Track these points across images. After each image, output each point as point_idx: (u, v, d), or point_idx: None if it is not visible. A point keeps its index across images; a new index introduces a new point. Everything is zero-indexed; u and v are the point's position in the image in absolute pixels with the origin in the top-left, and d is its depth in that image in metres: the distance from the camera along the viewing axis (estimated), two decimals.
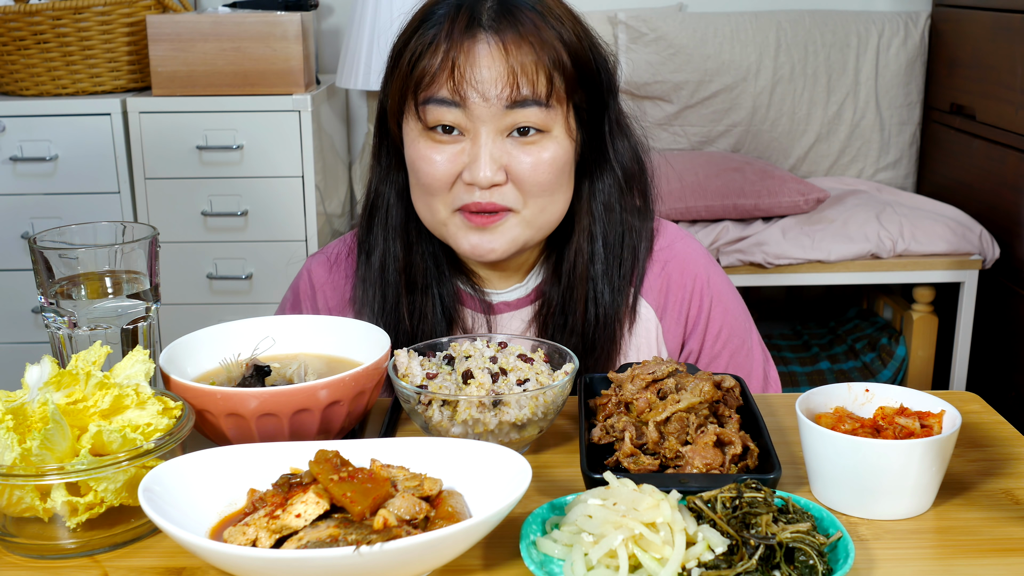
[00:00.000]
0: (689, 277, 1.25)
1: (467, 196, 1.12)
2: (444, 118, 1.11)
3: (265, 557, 0.69)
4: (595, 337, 1.20)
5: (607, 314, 1.20)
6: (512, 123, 1.11)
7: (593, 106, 1.17)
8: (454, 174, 1.12)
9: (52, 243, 0.98)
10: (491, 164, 1.10)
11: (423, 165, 1.13)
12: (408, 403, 0.95)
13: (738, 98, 3.08)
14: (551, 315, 1.21)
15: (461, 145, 1.12)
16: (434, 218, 1.16)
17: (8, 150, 2.62)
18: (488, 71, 1.09)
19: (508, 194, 1.13)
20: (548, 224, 1.17)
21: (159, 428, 0.83)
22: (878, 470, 0.83)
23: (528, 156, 1.12)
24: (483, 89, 1.09)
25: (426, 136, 1.13)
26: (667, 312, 1.25)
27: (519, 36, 1.09)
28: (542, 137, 1.12)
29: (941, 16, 3.08)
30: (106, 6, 2.62)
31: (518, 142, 1.12)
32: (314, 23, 2.94)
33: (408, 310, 1.20)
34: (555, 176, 1.13)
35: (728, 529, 0.75)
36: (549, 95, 1.11)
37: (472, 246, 1.15)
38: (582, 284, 1.20)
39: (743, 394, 0.98)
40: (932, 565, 0.78)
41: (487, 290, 1.25)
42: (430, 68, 1.11)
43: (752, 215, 2.73)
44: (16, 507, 0.79)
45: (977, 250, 2.68)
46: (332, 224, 2.95)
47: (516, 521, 0.81)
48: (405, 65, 1.13)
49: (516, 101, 1.09)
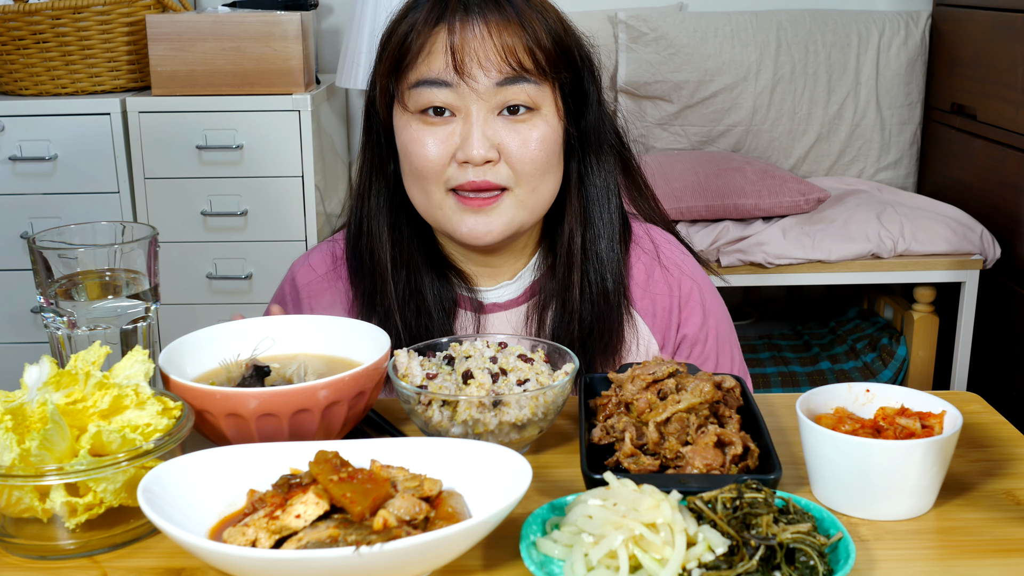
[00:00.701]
0: (675, 283, 1.26)
1: (461, 176, 1.14)
2: (435, 99, 1.13)
3: (265, 558, 0.69)
4: (594, 318, 1.20)
5: (605, 292, 1.21)
6: (503, 100, 1.13)
7: (577, 89, 1.19)
8: (447, 155, 1.14)
9: (51, 243, 0.98)
10: (483, 141, 1.12)
11: (415, 148, 1.14)
12: (408, 403, 0.95)
13: (738, 98, 3.08)
14: (548, 304, 1.22)
15: (452, 126, 1.14)
16: (429, 202, 1.17)
17: (8, 150, 2.62)
18: (479, 49, 1.11)
19: (501, 172, 1.14)
20: (540, 205, 1.18)
21: (158, 428, 0.83)
22: (879, 471, 0.82)
23: (519, 134, 1.14)
24: (473, 68, 1.11)
25: (417, 119, 1.15)
26: (660, 321, 1.25)
27: (505, 19, 1.13)
28: (532, 115, 1.14)
29: (942, 16, 3.08)
30: (106, 6, 2.61)
31: (509, 120, 1.14)
32: (314, 23, 2.93)
33: (400, 304, 1.21)
34: (546, 154, 1.15)
35: (728, 530, 0.75)
36: (538, 73, 1.13)
37: (469, 228, 1.15)
38: (577, 266, 1.21)
39: (743, 394, 0.98)
40: (933, 566, 0.78)
41: (477, 288, 1.25)
42: (420, 50, 1.13)
43: (752, 215, 2.72)
44: (15, 507, 0.79)
45: (978, 250, 2.68)
46: (332, 224, 2.95)
47: (516, 521, 0.81)
48: (394, 50, 1.15)
49: (507, 78, 1.12)
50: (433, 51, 1.13)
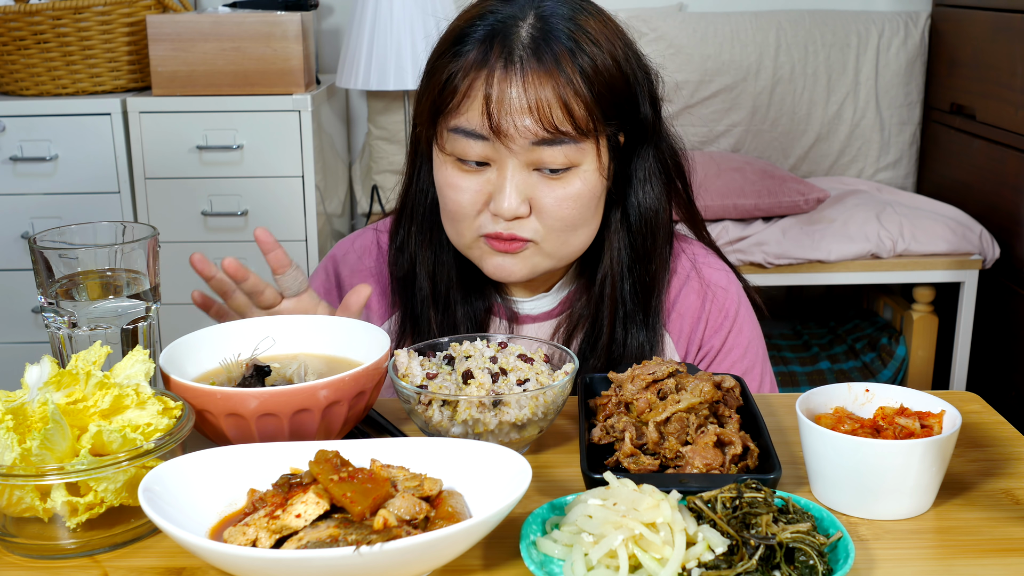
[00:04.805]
0: (717, 310, 1.24)
1: (491, 225, 1.12)
2: (470, 151, 1.10)
3: (265, 557, 0.69)
4: (626, 343, 1.20)
5: (641, 319, 1.20)
6: (538, 160, 1.09)
7: (631, 133, 1.16)
8: (480, 203, 1.12)
9: (52, 243, 0.98)
10: (515, 196, 1.09)
11: (450, 192, 1.13)
12: (408, 403, 0.95)
13: (738, 98, 3.08)
14: (577, 321, 1.21)
15: (487, 175, 1.11)
16: (460, 241, 1.17)
17: (8, 150, 2.62)
18: (514, 109, 1.06)
19: (527, 226, 1.12)
20: (570, 255, 1.17)
21: (159, 428, 0.83)
22: (878, 470, 0.83)
23: (553, 191, 1.10)
24: (509, 128, 1.07)
25: (453, 163, 1.12)
26: (685, 334, 1.25)
27: (550, 72, 1.06)
28: (569, 173, 1.10)
29: (941, 16, 3.08)
30: (106, 6, 2.62)
31: (544, 176, 1.10)
32: (314, 23, 2.94)
33: (435, 310, 1.21)
34: (579, 211, 1.12)
35: (728, 529, 0.75)
36: (579, 131, 1.08)
37: (495, 267, 1.15)
38: (611, 297, 1.19)
39: (743, 394, 0.98)
40: (932, 565, 0.78)
41: (513, 298, 1.25)
42: (458, 97, 1.09)
43: (752, 215, 2.72)
44: (16, 507, 0.79)
45: (977, 250, 2.68)
46: (332, 224, 2.95)
47: (516, 521, 0.81)
48: (435, 89, 1.11)
49: (543, 139, 1.07)
50: (472, 101, 1.08)
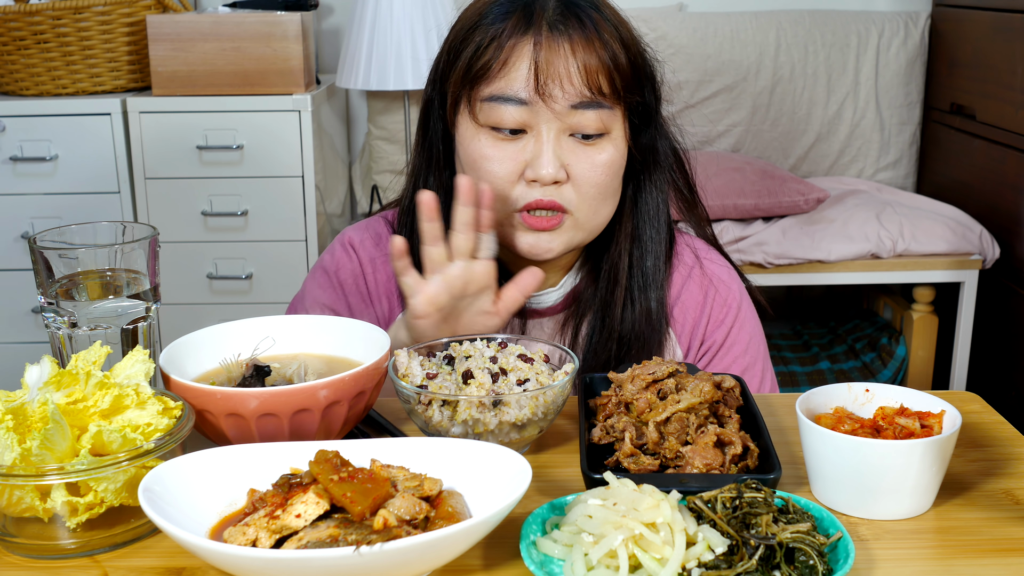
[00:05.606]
0: (719, 304, 1.25)
1: (529, 195, 1.12)
2: (508, 117, 1.10)
3: (265, 557, 0.69)
4: (634, 337, 1.20)
5: (648, 312, 1.20)
6: (575, 124, 1.10)
7: (644, 109, 1.17)
8: (516, 173, 1.12)
9: (52, 243, 0.98)
10: (554, 161, 1.10)
11: (485, 164, 1.12)
12: (408, 403, 0.95)
13: (738, 98, 3.08)
14: (587, 316, 1.21)
15: (522, 143, 1.11)
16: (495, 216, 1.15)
17: (8, 150, 2.62)
18: (563, 70, 1.08)
19: (566, 193, 1.12)
20: (597, 228, 1.17)
21: (159, 428, 0.83)
22: (878, 470, 0.83)
23: (587, 158, 1.12)
24: (554, 89, 1.08)
25: (487, 133, 1.12)
26: (688, 328, 1.24)
27: (587, 36, 1.09)
28: (601, 139, 1.12)
29: (941, 16, 3.08)
30: (106, 6, 2.62)
31: (578, 142, 1.12)
32: (314, 23, 2.94)
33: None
34: (610, 178, 1.14)
35: (728, 529, 0.75)
36: (613, 97, 1.10)
37: (530, 245, 1.14)
38: (623, 285, 1.20)
39: (743, 394, 0.98)
40: (932, 565, 0.78)
41: None
42: (500, 63, 1.09)
43: (752, 215, 2.73)
44: (16, 507, 0.79)
45: (977, 250, 2.68)
46: (332, 224, 2.95)
47: (516, 521, 0.81)
48: (465, 62, 1.11)
49: (583, 102, 1.09)
50: (515, 66, 1.09)
